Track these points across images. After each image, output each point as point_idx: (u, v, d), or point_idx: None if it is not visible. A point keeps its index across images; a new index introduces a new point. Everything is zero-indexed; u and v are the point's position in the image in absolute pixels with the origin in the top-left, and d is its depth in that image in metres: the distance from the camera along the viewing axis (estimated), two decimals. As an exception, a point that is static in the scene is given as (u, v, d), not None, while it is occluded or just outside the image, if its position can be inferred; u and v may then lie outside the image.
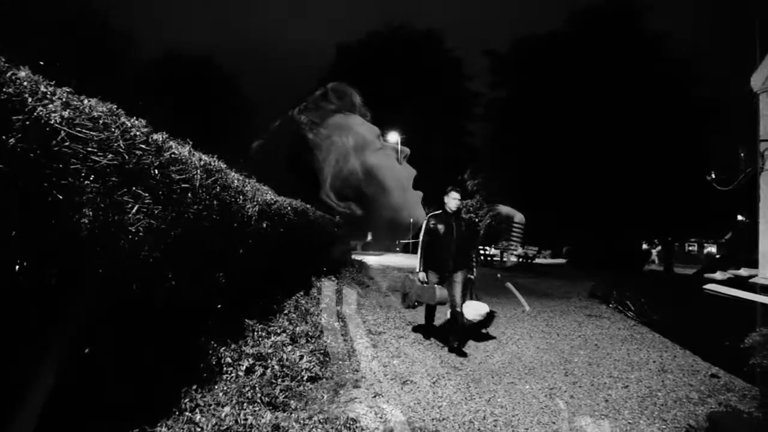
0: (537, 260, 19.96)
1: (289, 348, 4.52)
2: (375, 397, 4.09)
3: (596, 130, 20.69)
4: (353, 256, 18.72)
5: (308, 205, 8.56)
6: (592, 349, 5.79)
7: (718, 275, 8.03)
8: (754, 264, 7.53)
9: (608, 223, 20.82)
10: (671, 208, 19.37)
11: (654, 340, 6.40)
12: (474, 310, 5.83)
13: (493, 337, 6.32)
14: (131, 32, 30.20)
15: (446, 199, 5.87)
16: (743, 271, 7.82)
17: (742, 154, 7.32)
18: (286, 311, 5.75)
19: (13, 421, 1.98)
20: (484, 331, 6.55)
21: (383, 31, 38.76)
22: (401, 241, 32.83)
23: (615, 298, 8.69)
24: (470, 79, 38.49)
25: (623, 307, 8.16)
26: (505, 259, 19.77)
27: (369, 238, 36.29)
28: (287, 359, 4.25)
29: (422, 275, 5.75)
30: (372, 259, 19.24)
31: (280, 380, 3.88)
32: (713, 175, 8.51)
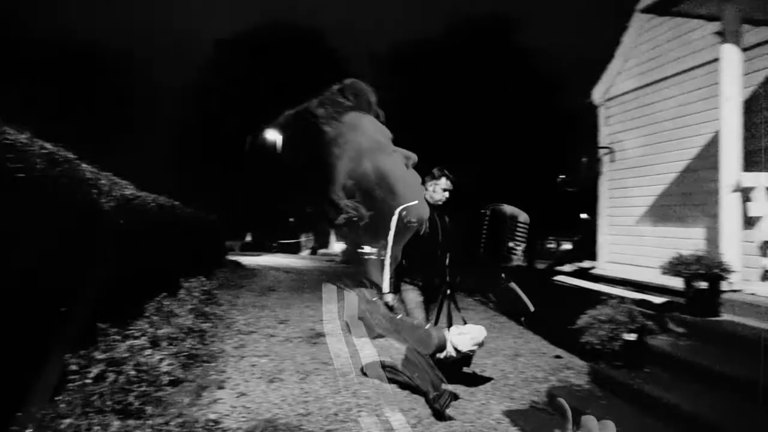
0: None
1: (148, 351, 4.25)
2: (239, 396, 4.00)
3: (476, 136, 22.06)
4: (232, 257, 18.11)
5: (175, 202, 8.12)
6: (455, 339, 6.16)
7: (566, 267, 8.94)
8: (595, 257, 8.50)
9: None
10: (533, 208, 21.16)
11: (511, 328, 6.95)
12: (470, 338, 3.87)
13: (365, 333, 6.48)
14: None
15: (430, 187, 4.04)
16: (585, 263, 8.80)
17: (584, 160, 8.22)
18: (147, 313, 5.41)
19: None
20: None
21: (263, 29, 37.77)
22: (279, 242, 32.31)
23: (479, 291, 9.32)
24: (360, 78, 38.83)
25: (486, 299, 8.78)
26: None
27: (248, 238, 35.21)
28: (145, 363, 4.00)
29: (390, 298, 3.75)
30: (250, 260, 18.72)
31: (135, 386, 3.63)
32: (563, 178, 9.46)
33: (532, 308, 3.98)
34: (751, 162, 5.62)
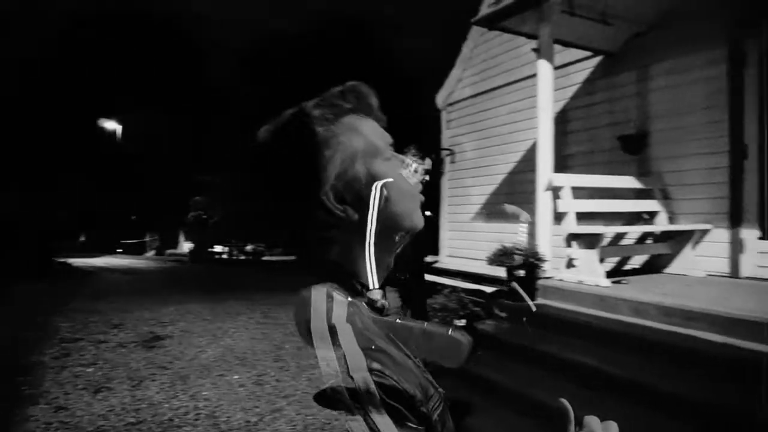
0: (266, 257, 20.35)
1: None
2: (57, 411, 3.60)
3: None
4: (65, 260, 16.18)
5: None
6: (302, 335, 6.16)
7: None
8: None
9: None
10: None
11: None
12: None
13: (210, 333, 6.20)
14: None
15: (404, 170, 3.20)
16: (428, 258, 9.39)
17: (428, 160, 8.72)
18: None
19: None
20: None
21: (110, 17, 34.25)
22: (122, 242, 29.68)
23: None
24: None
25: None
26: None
27: (82, 238, 31.85)
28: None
29: (379, 295, 1.74)
30: (86, 262, 16.92)
31: None
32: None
33: (534, 308, 4.12)
34: (565, 165, 6.43)
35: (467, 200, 8.35)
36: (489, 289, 5.61)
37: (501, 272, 4.96)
